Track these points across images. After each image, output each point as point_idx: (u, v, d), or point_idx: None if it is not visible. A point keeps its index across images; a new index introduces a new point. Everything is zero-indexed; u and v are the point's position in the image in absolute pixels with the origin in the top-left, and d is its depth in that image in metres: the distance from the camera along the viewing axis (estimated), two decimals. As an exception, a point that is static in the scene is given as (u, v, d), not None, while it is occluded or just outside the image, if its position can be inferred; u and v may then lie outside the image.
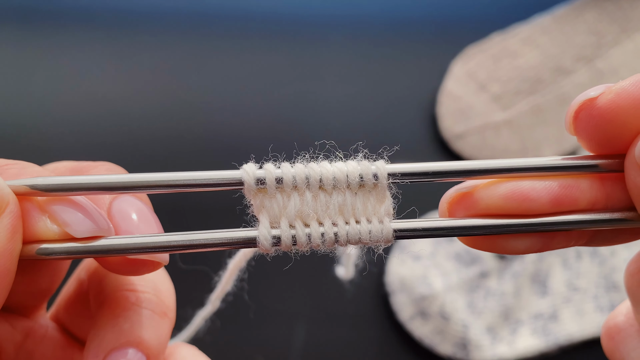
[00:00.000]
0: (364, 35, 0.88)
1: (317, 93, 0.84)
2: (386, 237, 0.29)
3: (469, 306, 0.72)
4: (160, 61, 0.86)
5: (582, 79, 0.83)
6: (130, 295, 0.33)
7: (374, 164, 0.29)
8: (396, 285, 0.73)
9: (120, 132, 0.81)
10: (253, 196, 0.28)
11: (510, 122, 0.81)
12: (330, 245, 0.29)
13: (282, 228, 0.28)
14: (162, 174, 0.28)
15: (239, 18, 0.89)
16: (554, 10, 0.87)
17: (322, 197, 0.28)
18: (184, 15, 0.89)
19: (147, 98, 0.83)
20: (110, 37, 0.87)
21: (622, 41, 0.84)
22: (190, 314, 0.42)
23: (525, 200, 0.29)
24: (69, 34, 0.87)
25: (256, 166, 0.29)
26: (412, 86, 0.85)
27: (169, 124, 0.82)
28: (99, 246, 0.27)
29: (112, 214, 0.29)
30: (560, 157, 0.30)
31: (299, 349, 0.71)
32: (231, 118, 0.82)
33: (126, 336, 0.32)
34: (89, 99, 0.83)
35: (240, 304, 0.66)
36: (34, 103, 0.82)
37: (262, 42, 0.87)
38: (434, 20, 0.90)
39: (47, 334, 0.36)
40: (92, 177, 0.28)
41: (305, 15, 0.90)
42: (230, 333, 0.71)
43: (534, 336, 0.71)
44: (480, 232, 0.29)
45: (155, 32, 0.87)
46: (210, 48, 0.87)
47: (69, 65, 0.85)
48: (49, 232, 0.27)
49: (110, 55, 0.86)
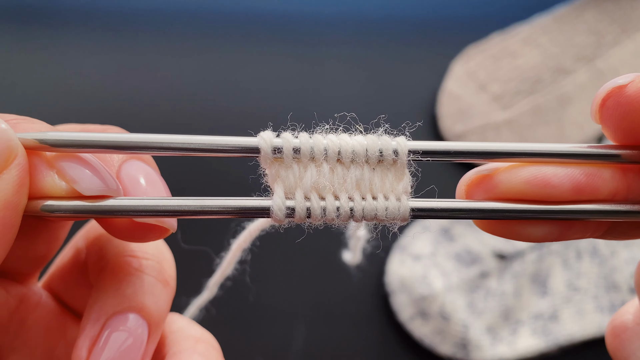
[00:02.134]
0: (364, 35, 0.88)
1: (316, 92, 0.84)
2: (403, 215, 0.28)
3: (469, 306, 0.71)
4: (161, 60, 0.85)
5: (582, 79, 0.82)
6: (133, 261, 0.32)
7: (394, 139, 0.28)
8: (396, 286, 0.72)
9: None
10: (269, 165, 0.27)
11: (511, 122, 0.80)
12: (345, 220, 0.27)
13: (296, 199, 0.27)
14: (176, 136, 0.27)
15: (239, 18, 0.88)
16: (554, 10, 0.87)
17: (340, 171, 0.27)
18: (185, 14, 0.88)
19: (147, 97, 0.83)
20: (109, 36, 0.86)
21: (622, 41, 0.84)
22: (184, 301, 0.41)
23: (546, 186, 0.28)
24: (68, 33, 0.86)
25: (274, 134, 0.27)
26: (412, 86, 0.84)
27: (169, 123, 0.81)
28: (106, 206, 0.26)
29: (121, 177, 0.28)
30: (584, 144, 0.29)
31: (299, 349, 0.71)
32: (231, 118, 0.81)
33: (128, 301, 0.31)
34: (88, 99, 0.82)
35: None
36: (33, 102, 0.82)
37: (261, 42, 0.86)
38: (434, 20, 0.90)
39: (41, 301, 0.35)
40: (104, 135, 0.26)
41: (305, 15, 0.89)
42: (230, 333, 0.70)
43: (534, 336, 0.71)
44: (498, 216, 0.28)
45: (155, 31, 0.87)
46: (210, 47, 0.86)
47: (68, 65, 0.84)
48: (56, 188, 0.26)
49: (109, 54, 0.85)
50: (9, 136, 0.25)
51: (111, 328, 0.30)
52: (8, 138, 0.25)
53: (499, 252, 0.73)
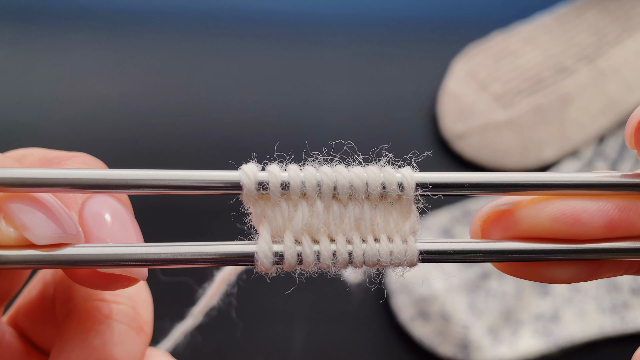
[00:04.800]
0: (364, 35, 0.85)
1: (316, 92, 0.81)
2: (410, 260, 0.23)
3: (470, 307, 0.69)
4: (160, 60, 0.82)
5: (583, 79, 0.79)
6: (103, 306, 0.27)
7: (399, 171, 0.23)
8: (396, 286, 0.70)
9: (118, 131, 0.77)
10: (253, 203, 0.22)
11: (512, 121, 0.77)
12: (343, 266, 0.23)
13: (285, 243, 0.22)
14: (147, 172, 0.22)
15: (239, 18, 0.85)
16: (555, 9, 0.84)
17: (336, 209, 0.22)
18: (185, 14, 0.85)
19: (147, 97, 0.80)
20: (109, 36, 0.83)
21: (623, 40, 0.80)
22: (168, 327, 0.36)
23: (576, 223, 0.23)
24: (68, 32, 0.83)
25: (258, 167, 0.22)
26: (412, 86, 0.81)
27: (168, 123, 0.78)
28: (64, 256, 0.21)
29: (84, 217, 0.23)
30: (617, 173, 0.24)
31: (299, 349, 0.69)
32: (230, 118, 0.79)
33: (97, 354, 0.26)
34: (87, 98, 0.79)
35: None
36: (32, 102, 0.79)
37: (261, 42, 0.84)
38: (434, 20, 0.87)
39: (4, 341, 0.30)
40: (63, 171, 0.22)
41: (305, 15, 0.86)
42: (230, 333, 0.66)
43: (535, 337, 0.69)
44: (521, 258, 0.24)
45: (155, 31, 0.84)
46: (209, 47, 0.83)
47: (67, 64, 0.81)
48: (3, 237, 0.21)
49: (109, 54, 0.82)
50: None
51: None
52: None
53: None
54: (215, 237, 0.22)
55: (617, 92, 0.78)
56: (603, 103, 0.77)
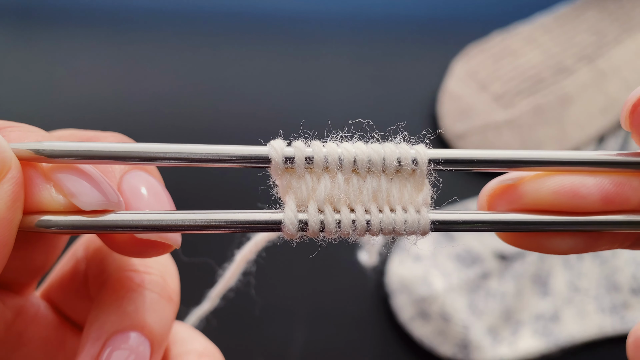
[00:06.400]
0: (364, 35, 0.86)
1: (316, 92, 0.82)
2: (423, 229, 0.26)
3: (470, 307, 0.70)
4: (160, 60, 0.83)
5: (583, 79, 0.81)
6: (135, 276, 0.30)
7: (413, 147, 0.26)
8: (396, 286, 0.71)
9: (118, 131, 0.77)
10: (280, 176, 0.25)
11: (512, 121, 0.79)
12: (362, 234, 0.25)
13: (309, 212, 0.25)
14: (182, 146, 0.24)
15: (239, 18, 0.87)
16: (555, 9, 0.86)
17: (355, 181, 0.25)
18: (185, 14, 0.86)
19: (147, 97, 0.81)
20: (109, 36, 0.84)
21: (623, 40, 0.82)
22: (184, 312, 0.39)
23: (575, 197, 0.26)
24: (68, 32, 0.84)
25: (285, 143, 0.25)
26: (412, 86, 0.83)
27: (168, 123, 0.79)
28: (107, 221, 0.24)
29: (123, 189, 0.26)
30: (614, 152, 0.27)
31: (299, 349, 0.70)
32: (230, 118, 0.80)
33: (130, 319, 0.29)
34: (87, 98, 0.80)
35: (243, 301, 0.63)
36: (32, 102, 0.80)
37: (261, 41, 0.85)
38: (434, 20, 0.88)
39: (39, 313, 0.33)
40: (104, 144, 0.24)
41: (305, 15, 0.88)
42: (230, 333, 0.68)
43: (535, 337, 0.70)
44: (524, 228, 0.27)
45: (156, 31, 0.85)
46: (210, 47, 0.85)
47: (67, 64, 0.82)
48: (53, 203, 0.24)
49: (109, 54, 0.83)
50: (2, 147, 0.23)
51: (112, 347, 0.28)
52: (0, 150, 0.22)
53: (499, 252, 0.72)
54: (244, 207, 0.25)
55: (617, 92, 0.80)
56: (603, 103, 0.79)
